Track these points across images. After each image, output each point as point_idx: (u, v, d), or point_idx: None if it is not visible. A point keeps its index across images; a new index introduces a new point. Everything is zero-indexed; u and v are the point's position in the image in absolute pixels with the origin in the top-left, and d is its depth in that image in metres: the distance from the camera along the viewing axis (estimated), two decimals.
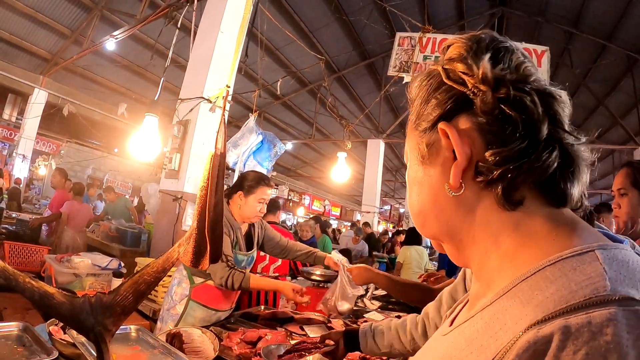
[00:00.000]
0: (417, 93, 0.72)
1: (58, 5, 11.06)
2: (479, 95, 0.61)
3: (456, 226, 0.68)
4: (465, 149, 0.62)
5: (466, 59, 0.64)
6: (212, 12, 5.33)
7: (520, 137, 0.59)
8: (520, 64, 0.64)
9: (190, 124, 4.86)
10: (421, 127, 0.70)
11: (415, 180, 0.74)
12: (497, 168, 0.60)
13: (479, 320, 0.60)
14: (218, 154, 1.38)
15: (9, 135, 15.64)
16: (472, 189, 0.64)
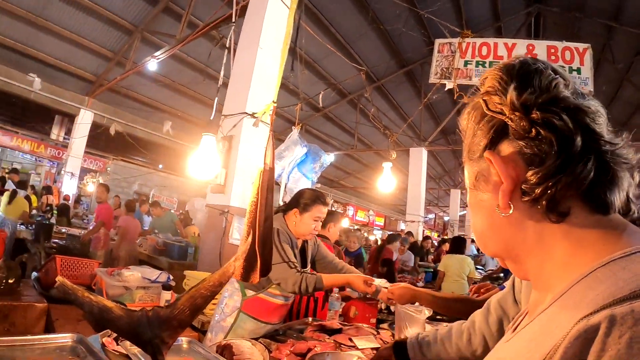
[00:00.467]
0: (466, 125, 0.80)
1: (100, 30, 11.49)
2: (513, 122, 0.67)
3: (512, 243, 0.73)
4: (510, 172, 0.68)
5: (498, 90, 0.70)
6: (250, 28, 5.41)
7: (555, 154, 0.63)
8: (550, 83, 0.67)
9: (234, 139, 4.93)
10: (473, 157, 0.77)
11: (474, 206, 0.80)
12: (537, 186, 0.65)
13: (537, 323, 0.66)
14: (267, 169, 1.42)
15: (57, 154, 16.26)
16: (520, 208, 0.69)
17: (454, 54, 7.81)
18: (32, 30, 11.14)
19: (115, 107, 14.47)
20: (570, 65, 7.30)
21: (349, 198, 27.29)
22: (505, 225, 0.72)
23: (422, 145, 13.71)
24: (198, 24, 8.90)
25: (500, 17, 12.03)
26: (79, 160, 14.22)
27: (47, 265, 3.84)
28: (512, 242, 0.73)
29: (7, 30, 11.11)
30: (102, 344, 1.97)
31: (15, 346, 1.84)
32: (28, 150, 16.08)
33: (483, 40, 7.82)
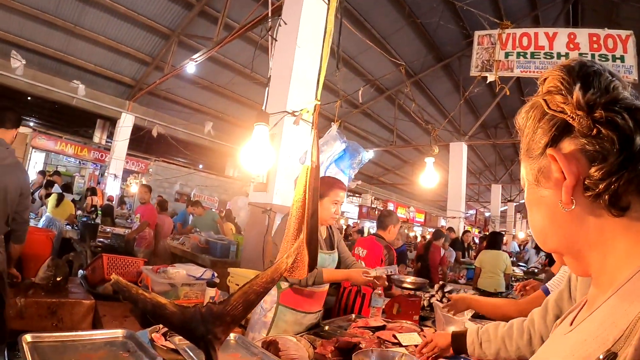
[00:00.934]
0: (524, 124, 0.82)
1: (138, 36, 11.77)
2: (576, 120, 0.70)
3: (573, 238, 0.75)
4: (572, 168, 0.71)
5: (561, 90, 0.73)
6: (287, 28, 5.41)
7: (617, 152, 0.67)
8: (609, 84, 0.71)
9: (275, 138, 4.95)
10: (532, 154, 0.79)
11: (533, 202, 0.82)
12: (601, 182, 0.67)
13: (601, 312, 0.67)
14: (314, 167, 1.42)
15: (100, 156, 16.69)
16: (582, 203, 0.71)
17: (494, 46, 7.68)
18: (70, 38, 11.51)
19: (155, 110, 14.78)
20: (614, 54, 7.10)
21: (389, 195, 27.23)
22: (567, 221, 0.74)
23: (462, 140, 13.51)
24: (234, 26, 8.97)
25: (537, 6, 11.75)
26: (122, 162, 14.63)
27: (94, 264, 3.93)
28: (574, 237, 0.75)
29: (47, 40, 11.49)
30: (151, 339, 1.99)
31: (67, 341, 1.88)
32: (72, 153, 16.53)
33: (523, 31, 7.66)
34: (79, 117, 15.27)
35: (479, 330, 1.99)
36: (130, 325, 2.94)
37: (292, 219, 1.55)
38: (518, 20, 11.10)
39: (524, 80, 13.45)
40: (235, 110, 15.11)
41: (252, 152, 3.38)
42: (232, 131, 15.41)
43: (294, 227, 1.47)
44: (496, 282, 7.28)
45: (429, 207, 31.60)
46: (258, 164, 3.47)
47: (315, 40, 5.40)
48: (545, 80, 0.78)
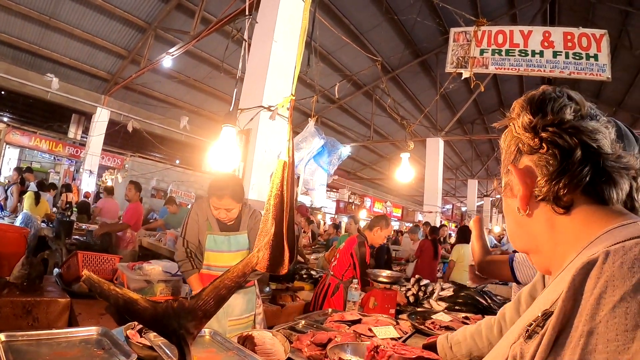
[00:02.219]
0: (502, 145, 0.97)
1: (114, 29, 11.64)
2: (525, 140, 0.86)
3: (534, 238, 0.90)
4: (526, 180, 0.86)
5: (519, 115, 0.88)
6: (264, 22, 5.41)
7: (558, 163, 0.80)
8: (561, 108, 0.84)
9: (251, 133, 4.94)
10: (504, 171, 0.96)
11: (505, 211, 0.97)
12: (544, 187, 0.82)
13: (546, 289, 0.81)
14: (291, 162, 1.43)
15: (75, 152, 16.44)
16: (536, 208, 0.87)
17: (469, 43, 7.73)
18: (45, 31, 11.33)
19: (131, 105, 14.65)
20: (587, 52, 7.19)
21: (366, 190, 27.32)
22: (527, 224, 0.90)
23: (439, 135, 13.60)
24: (211, 20, 8.95)
25: (515, 4, 11.87)
26: (97, 157, 14.47)
27: (69, 261, 3.89)
28: (534, 237, 0.90)
29: (20, 32, 11.31)
30: (126, 336, 1.99)
31: (42, 340, 1.87)
32: (46, 149, 16.24)
33: (499, 28, 7.72)
34: (54, 112, 15.07)
35: (448, 336, 2.05)
36: (107, 322, 2.92)
37: (267, 214, 1.56)
38: (496, 19, 11.23)
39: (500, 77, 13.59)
40: (212, 105, 15.04)
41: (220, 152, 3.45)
42: (208, 126, 15.32)
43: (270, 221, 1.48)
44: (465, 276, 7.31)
45: (406, 201, 31.77)
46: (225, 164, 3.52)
47: (291, 35, 5.40)
48: (514, 108, 0.92)
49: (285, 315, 4.37)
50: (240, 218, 3.30)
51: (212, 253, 3.17)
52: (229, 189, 3.12)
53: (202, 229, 3.18)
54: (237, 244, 3.23)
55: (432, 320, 3.33)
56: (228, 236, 3.20)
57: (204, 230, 3.17)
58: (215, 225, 3.20)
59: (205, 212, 3.22)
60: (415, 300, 4.37)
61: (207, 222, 3.20)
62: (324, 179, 4.18)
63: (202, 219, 3.20)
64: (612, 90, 13.91)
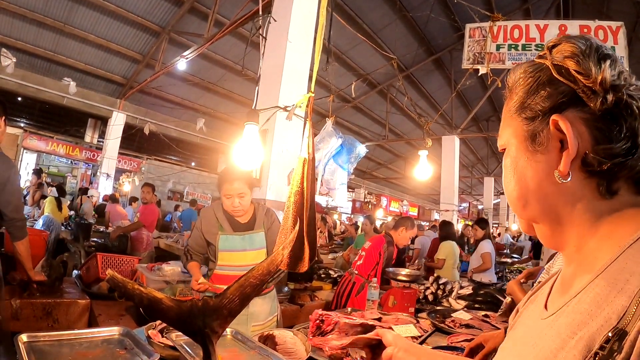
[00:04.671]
0: (521, 82, 0.79)
1: (128, 33, 11.73)
2: (593, 95, 0.69)
3: (558, 209, 0.74)
4: (576, 141, 0.69)
5: (581, 60, 0.71)
6: (278, 23, 5.40)
7: (625, 138, 0.67)
8: (622, 72, 0.71)
9: (268, 133, 4.94)
10: (526, 115, 0.77)
11: (517, 165, 0.79)
12: (606, 161, 0.67)
13: (594, 288, 0.66)
14: (310, 159, 1.42)
15: (92, 156, 16.62)
16: (576, 177, 0.71)
17: (485, 38, 7.69)
18: (60, 37, 11.45)
19: (147, 108, 14.74)
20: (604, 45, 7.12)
21: (382, 189, 27.27)
22: (557, 191, 0.73)
23: (454, 133, 13.51)
24: (224, 22, 8.95)
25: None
26: (114, 161, 14.60)
27: (88, 263, 3.92)
28: (558, 209, 0.74)
29: (36, 39, 11.42)
30: (148, 336, 1.99)
31: (63, 340, 1.87)
32: (63, 154, 16.42)
33: (514, 23, 7.67)
34: (70, 116, 15.20)
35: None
36: (127, 323, 2.93)
37: (288, 211, 1.55)
38: (509, 13, 11.11)
39: None
40: (227, 107, 15.08)
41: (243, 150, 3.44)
42: (224, 128, 15.39)
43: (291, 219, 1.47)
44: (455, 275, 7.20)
45: (422, 200, 31.65)
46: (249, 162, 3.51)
47: (306, 36, 5.39)
48: (556, 45, 0.77)
49: (304, 314, 4.36)
50: (255, 217, 3.27)
51: (225, 253, 3.12)
52: (238, 173, 3.16)
53: (210, 231, 3.15)
54: (252, 243, 3.18)
55: (452, 319, 3.31)
56: (242, 235, 3.16)
57: (215, 233, 3.13)
58: (227, 225, 3.17)
59: (214, 216, 3.20)
60: (435, 299, 4.34)
61: (217, 224, 3.16)
62: (344, 178, 4.17)
63: (209, 224, 3.18)
64: None
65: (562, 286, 0.79)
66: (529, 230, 0.84)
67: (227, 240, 3.12)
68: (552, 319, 0.73)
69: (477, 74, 8.02)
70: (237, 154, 3.45)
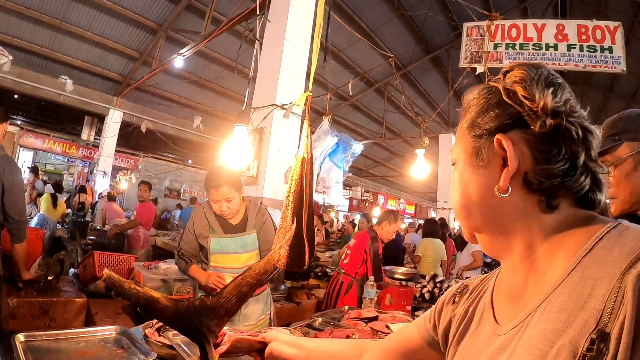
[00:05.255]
0: (474, 103, 0.86)
1: (125, 31, 11.69)
2: (535, 119, 0.75)
3: (499, 221, 0.80)
4: (516, 159, 0.75)
5: (528, 86, 0.77)
6: (275, 21, 5.39)
7: (563, 160, 0.74)
8: (568, 100, 0.77)
9: (265, 131, 4.94)
10: (475, 133, 0.83)
11: (463, 178, 0.85)
12: (545, 181, 0.74)
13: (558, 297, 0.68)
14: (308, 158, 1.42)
15: (89, 154, 16.58)
16: (517, 193, 0.77)
17: (482, 37, 7.69)
18: (56, 34, 11.40)
19: (143, 106, 14.72)
20: (602, 45, 7.14)
21: (379, 187, 27.28)
22: (498, 204, 0.79)
23: (451, 132, 13.49)
24: (222, 20, 8.93)
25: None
26: (111, 159, 14.59)
27: (85, 261, 3.91)
28: (500, 220, 0.80)
29: (33, 37, 11.37)
30: (145, 335, 1.99)
31: (60, 339, 1.87)
32: (60, 151, 16.37)
33: (512, 22, 7.68)
34: (67, 114, 15.16)
35: None
36: (124, 322, 2.93)
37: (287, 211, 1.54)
38: (507, 12, 11.11)
39: None
40: (224, 105, 15.05)
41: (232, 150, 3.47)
42: (220, 125, 15.35)
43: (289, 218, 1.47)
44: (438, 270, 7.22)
45: (419, 198, 31.65)
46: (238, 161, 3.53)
47: (303, 34, 5.39)
48: (509, 71, 0.83)
49: (301, 312, 4.37)
50: (247, 217, 3.23)
51: (218, 255, 3.09)
52: (224, 177, 3.06)
53: (202, 234, 3.11)
54: (244, 246, 3.15)
55: None
56: (234, 238, 3.13)
57: (206, 235, 3.09)
58: (218, 227, 3.12)
59: (205, 217, 3.15)
60: (431, 297, 4.35)
61: (208, 226, 3.12)
62: (340, 176, 4.17)
63: (200, 226, 3.13)
64: (625, 83, 13.69)
65: (512, 296, 0.82)
66: (471, 239, 0.89)
67: (218, 243, 3.09)
68: (515, 332, 0.74)
69: (475, 73, 8.03)
70: (226, 154, 3.48)
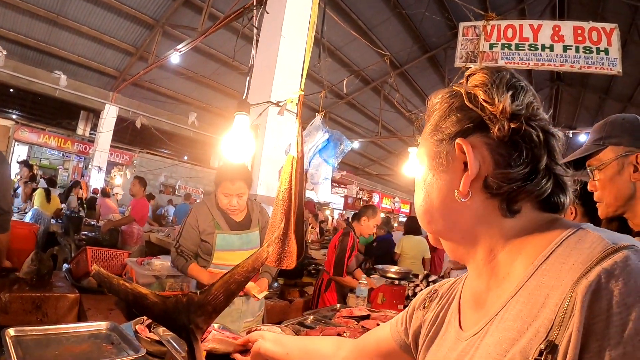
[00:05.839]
0: (437, 107, 0.86)
1: (121, 26, 11.65)
2: (495, 123, 0.74)
3: (461, 226, 0.80)
4: (476, 163, 0.74)
5: (489, 89, 0.76)
6: (272, 18, 5.38)
7: (524, 163, 0.72)
8: (530, 103, 0.76)
9: (259, 129, 4.93)
10: (437, 137, 0.82)
11: (425, 183, 0.84)
12: (504, 185, 0.73)
13: (515, 305, 0.68)
14: (299, 157, 1.43)
15: (84, 149, 16.55)
16: (478, 197, 0.76)
17: (479, 37, 7.70)
18: (53, 28, 11.36)
19: (139, 101, 14.70)
20: (598, 46, 7.15)
21: (374, 185, 27.29)
22: (458, 209, 0.78)
23: None
24: (219, 16, 8.92)
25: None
26: (106, 154, 14.56)
27: (78, 257, 3.90)
28: (461, 225, 0.79)
29: (28, 30, 11.33)
30: (135, 331, 1.99)
31: (50, 335, 1.87)
32: (55, 146, 16.34)
33: (508, 23, 7.69)
34: (62, 109, 15.12)
35: None
36: (116, 317, 2.93)
37: (277, 209, 1.55)
38: (505, 13, 11.14)
39: None
40: (220, 101, 15.04)
41: (232, 141, 3.39)
42: (216, 122, 15.35)
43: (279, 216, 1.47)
44: (419, 268, 7.27)
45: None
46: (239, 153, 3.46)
47: (300, 31, 5.38)
48: (472, 75, 0.82)
49: (293, 310, 4.38)
50: (250, 215, 3.24)
51: (222, 252, 3.07)
52: (241, 172, 3.08)
53: (206, 230, 3.07)
54: (248, 243, 3.15)
55: None
56: (239, 235, 3.13)
57: (211, 232, 3.06)
58: (224, 224, 3.11)
59: (209, 213, 3.12)
60: None
61: (213, 222, 3.09)
62: (329, 172, 4.16)
63: (205, 222, 3.09)
64: (622, 85, 13.72)
65: (475, 302, 0.82)
66: (436, 244, 0.88)
67: (224, 239, 3.08)
68: (475, 339, 0.75)
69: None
70: (226, 147, 3.41)
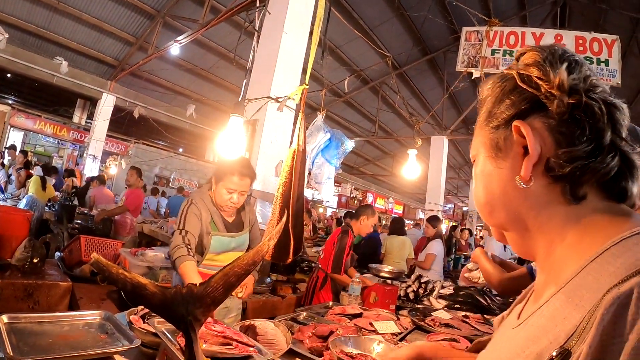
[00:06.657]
0: (489, 93, 0.81)
1: (122, 14, 11.62)
2: (553, 100, 0.69)
3: (523, 216, 0.75)
4: (537, 145, 0.69)
5: (542, 66, 0.72)
6: (275, 13, 5.38)
7: (587, 140, 0.67)
8: (588, 77, 0.71)
9: (258, 124, 4.93)
10: (493, 124, 0.78)
11: (484, 173, 0.81)
12: (567, 165, 0.67)
13: (554, 302, 0.65)
14: (300, 150, 1.43)
15: (80, 137, 16.47)
16: (540, 183, 0.71)
17: (481, 42, 7.73)
18: (53, 15, 11.32)
19: (137, 91, 14.66)
20: (598, 57, 7.20)
21: (369, 185, 27.35)
22: (521, 196, 0.73)
23: (444, 134, 13.54)
24: (220, 9, 8.91)
25: (525, 6, 11.82)
26: (101, 143, 14.49)
27: (71, 245, 3.89)
28: (524, 215, 0.75)
29: (29, 15, 11.29)
30: (129, 321, 1.98)
31: (44, 322, 1.86)
32: (51, 133, 16.24)
33: (511, 29, 7.73)
34: (59, 96, 15.07)
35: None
36: (108, 307, 2.93)
37: (277, 203, 1.55)
38: (506, 19, 11.15)
39: None
40: (219, 95, 15.02)
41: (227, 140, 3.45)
42: (214, 115, 15.33)
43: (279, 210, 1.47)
44: (401, 267, 7.30)
45: (408, 199, 31.74)
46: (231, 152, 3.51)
47: (302, 28, 5.38)
48: (523, 54, 0.78)
49: (285, 306, 4.38)
50: (241, 216, 3.14)
51: (215, 255, 3.00)
52: (251, 169, 2.93)
53: (205, 228, 2.92)
54: (241, 244, 3.10)
55: (432, 318, 3.33)
56: (235, 237, 3.06)
57: (207, 232, 2.93)
58: (221, 225, 3.01)
59: (208, 210, 2.96)
60: (415, 297, 4.36)
61: (211, 222, 2.95)
62: (332, 172, 4.18)
63: (205, 218, 2.92)
64: (620, 97, 13.71)
65: (535, 295, 0.79)
66: (500, 238, 0.84)
67: (219, 241, 2.98)
68: (518, 330, 0.73)
69: (471, 77, 8.06)
70: (221, 144, 3.45)
